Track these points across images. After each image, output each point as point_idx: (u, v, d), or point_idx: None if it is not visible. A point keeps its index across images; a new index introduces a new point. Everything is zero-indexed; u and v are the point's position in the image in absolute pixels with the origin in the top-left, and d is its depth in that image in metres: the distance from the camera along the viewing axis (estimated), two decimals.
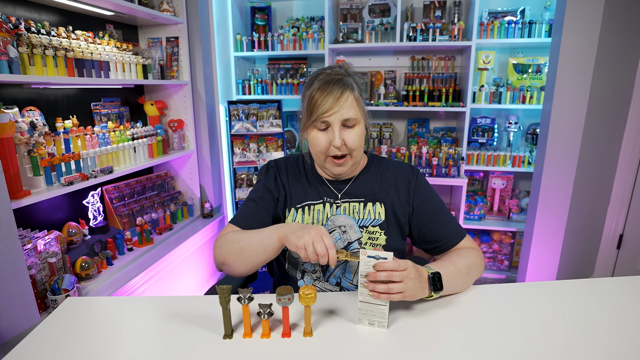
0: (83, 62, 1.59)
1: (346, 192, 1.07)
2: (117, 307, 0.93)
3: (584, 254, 2.33)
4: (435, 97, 2.58)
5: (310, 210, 1.06)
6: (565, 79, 2.00)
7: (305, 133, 1.01)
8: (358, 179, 1.08)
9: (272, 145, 2.65)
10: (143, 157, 1.97)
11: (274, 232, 0.89)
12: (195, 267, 2.29)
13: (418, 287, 0.82)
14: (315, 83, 0.96)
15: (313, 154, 1.02)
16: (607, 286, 0.99)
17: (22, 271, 1.23)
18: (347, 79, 0.97)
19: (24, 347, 0.78)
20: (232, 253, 0.94)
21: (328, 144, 0.97)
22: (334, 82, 0.95)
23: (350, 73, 1.00)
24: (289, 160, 1.14)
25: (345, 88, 0.95)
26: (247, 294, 0.77)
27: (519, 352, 0.74)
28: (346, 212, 1.05)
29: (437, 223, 1.04)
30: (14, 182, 1.29)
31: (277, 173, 1.10)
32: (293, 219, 1.07)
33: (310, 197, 1.07)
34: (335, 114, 0.94)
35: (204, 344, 0.78)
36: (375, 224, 1.04)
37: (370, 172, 1.09)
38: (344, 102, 0.94)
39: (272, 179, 1.09)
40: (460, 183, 2.48)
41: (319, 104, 0.94)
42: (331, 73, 0.97)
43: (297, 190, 1.08)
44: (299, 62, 2.86)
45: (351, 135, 0.96)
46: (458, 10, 2.53)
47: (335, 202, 1.06)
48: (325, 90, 0.94)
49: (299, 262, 1.06)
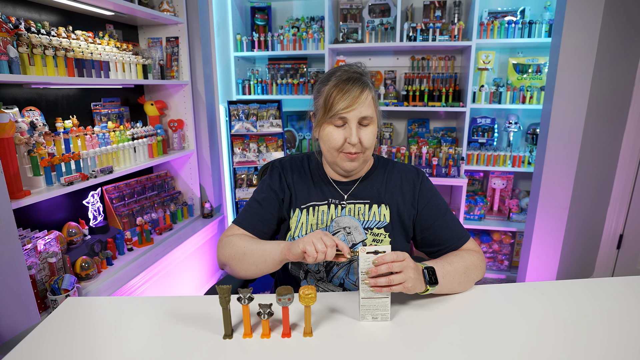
0: (83, 62, 1.59)
1: (352, 193, 1.06)
2: (117, 307, 0.93)
3: (584, 254, 2.33)
4: (435, 97, 2.58)
5: (314, 211, 1.05)
6: (565, 79, 2.00)
7: (318, 129, 1.00)
8: (364, 181, 1.08)
9: (272, 145, 2.65)
10: (143, 157, 1.97)
11: (278, 245, 0.92)
12: (195, 267, 2.29)
13: (417, 278, 0.84)
14: (333, 79, 0.96)
15: (325, 149, 1.01)
16: (607, 286, 0.99)
17: (22, 271, 1.24)
18: (365, 78, 0.97)
19: (24, 347, 0.78)
20: (235, 257, 0.97)
21: (343, 140, 0.96)
22: (353, 80, 0.95)
23: (367, 72, 1.01)
24: (294, 159, 1.14)
25: (364, 87, 0.95)
26: (247, 294, 0.77)
27: (519, 352, 0.74)
28: (351, 214, 1.04)
29: (441, 226, 1.04)
30: (14, 182, 1.29)
31: (282, 173, 1.09)
32: (297, 219, 1.06)
33: (315, 197, 1.07)
34: (354, 111, 0.94)
35: (204, 344, 0.78)
36: (380, 225, 1.04)
37: (377, 174, 1.09)
38: (364, 100, 0.94)
39: (276, 179, 1.08)
40: (460, 183, 2.48)
41: (337, 101, 0.93)
42: (349, 71, 0.97)
43: (302, 191, 1.08)
44: (299, 62, 2.86)
45: (366, 133, 0.97)
46: (458, 10, 2.53)
47: (340, 204, 1.05)
48: (344, 88, 0.94)
49: (303, 263, 1.05)
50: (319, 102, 0.99)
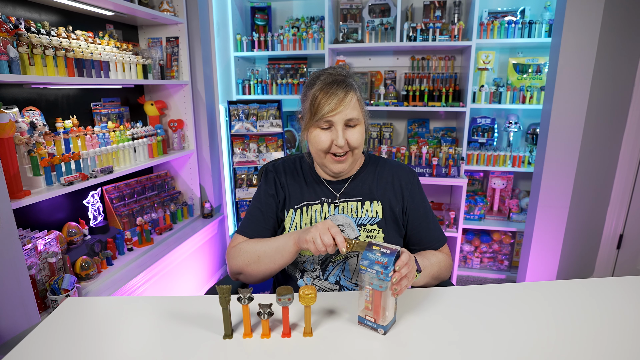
0: (83, 62, 1.59)
1: (344, 191, 1.08)
2: (117, 307, 0.93)
3: (584, 254, 2.33)
4: (435, 97, 2.58)
5: (308, 210, 1.08)
6: (565, 79, 2.00)
7: (306, 132, 1.02)
8: (356, 179, 1.10)
9: (272, 145, 2.65)
10: (143, 157, 1.97)
11: (289, 237, 0.95)
12: (195, 267, 2.29)
13: (413, 266, 0.86)
14: (318, 83, 0.97)
15: (313, 152, 1.03)
16: (607, 286, 0.99)
17: (22, 271, 1.24)
18: (349, 80, 0.98)
19: (24, 347, 0.78)
20: (250, 262, 0.98)
21: (330, 143, 0.98)
22: (337, 82, 0.96)
23: (351, 74, 1.02)
24: (287, 162, 1.16)
25: (349, 89, 0.96)
26: (247, 294, 0.77)
27: (519, 352, 0.74)
28: (344, 212, 1.06)
29: (425, 228, 1.09)
30: (14, 182, 1.29)
31: (275, 176, 1.12)
32: (292, 219, 1.08)
33: (308, 197, 1.09)
34: (339, 114, 0.95)
35: (204, 344, 0.78)
36: (373, 222, 1.05)
37: (368, 171, 1.11)
38: (348, 102, 0.96)
39: (271, 184, 1.11)
40: (460, 183, 2.47)
41: (322, 104, 0.95)
42: (334, 74, 0.99)
43: (296, 191, 1.10)
44: (299, 62, 2.86)
45: (354, 134, 0.98)
46: (458, 10, 2.53)
47: (333, 202, 1.07)
48: (329, 91, 0.95)
49: (299, 262, 1.06)
50: (305, 106, 1.01)
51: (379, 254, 0.78)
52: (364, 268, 0.79)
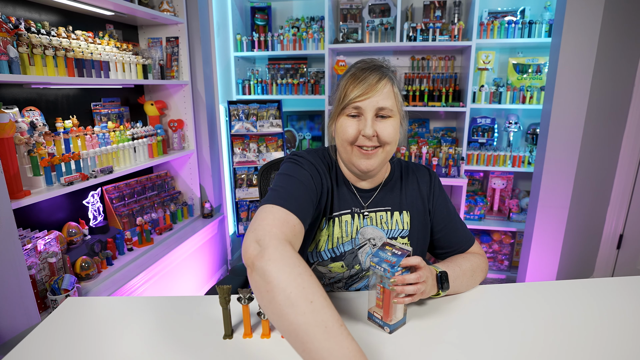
0: (83, 62, 1.59)
1: (373, 201, 0.98)
2: (117, 307, 0.93)
3: (584, 254, 2.33)
4: (435, 97, 2.58)
5: (340, 221, 0.96)
6: (565, 79, 2.00)
7: (334, 123, 0.91)
8: (385, 187, 1.00)
9: (272, 145, 2.65)
10: (143, 157, 1.97)
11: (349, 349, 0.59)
12: (195, 267, 2.29)
13: (432, 284, 0.83)
14: (352, 69, 0.90)
15: (339, 145, 0.91)
16: (607, 286, 0.99)
17: (22, 271, 1.24)
18: (385, 69, 0.89)
19: (24, 347, 0.78)
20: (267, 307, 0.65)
21: (357, 133, 0.86)
22: (371, 68, 0.87)
23: (390, 66, 0.92)
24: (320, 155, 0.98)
25: (383, 75, 0.86)
26: (247, 294, 0.77)
27: (519, 352, 0.74)
28: (373, 223, 0.98)
29: (451, 229, 1.02)
30: (14, 182, 1.29)
31: (318, 171, 0.92)
32: (325, 230, 0.95)
33: (339, 204, 0.96)
34: (369, 99, 0.85)
35: (204, 344, 0.78)
36: (403, 235, 0.99)
37: (395, 179, 1.02)
38: (381, 89, 0.85)
39: (317, 175, 0.91)
40: (460, 183, 2.48)
41: (352, 89, 0.85)
42: (370, 62, 0.91)
43: (334, 196, 0.96)
44: (299, 62, 2.86)
45: (385, 126, 0.86)
46: (458, 10, 2.53)
47: (362, 212, 0.97)
48: (360, 76, 0.86)
49: (325, 277, 0.99)
50: (335, 96, 0.92)
51: (390, 254, 0.79)
52: (373, 264, 0.79)
